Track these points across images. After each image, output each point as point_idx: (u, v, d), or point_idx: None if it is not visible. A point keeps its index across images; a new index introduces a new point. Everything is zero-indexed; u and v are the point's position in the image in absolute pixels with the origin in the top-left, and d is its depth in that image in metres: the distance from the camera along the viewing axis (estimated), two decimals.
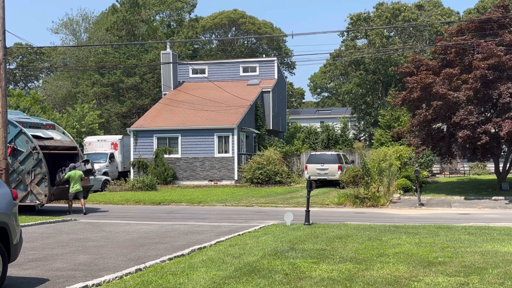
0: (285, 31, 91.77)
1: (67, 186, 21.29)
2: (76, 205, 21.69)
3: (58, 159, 22.32)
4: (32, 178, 20.04)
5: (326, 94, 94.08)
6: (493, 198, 26.10)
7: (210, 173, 35.32)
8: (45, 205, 21.60)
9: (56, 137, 22.08)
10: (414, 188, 27.90)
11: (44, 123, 22.79)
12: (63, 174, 21.30)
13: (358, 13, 58.29)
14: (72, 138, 23.66)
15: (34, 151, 20.04)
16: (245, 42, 73.66)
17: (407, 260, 9.90)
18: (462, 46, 26.89)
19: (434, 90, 25.83)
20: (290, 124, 57.36)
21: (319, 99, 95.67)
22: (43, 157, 20.07)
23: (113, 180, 34.25)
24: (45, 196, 20.04)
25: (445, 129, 28.32)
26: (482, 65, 25.36)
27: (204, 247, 11.73)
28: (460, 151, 26.98)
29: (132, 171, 35.57)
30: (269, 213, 21.09)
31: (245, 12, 70.31)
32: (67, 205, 21.54)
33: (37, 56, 72.58)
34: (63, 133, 23.19)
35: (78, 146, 23.23)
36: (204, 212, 21.74)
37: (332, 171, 31.02)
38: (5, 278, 8.24)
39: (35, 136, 20.58)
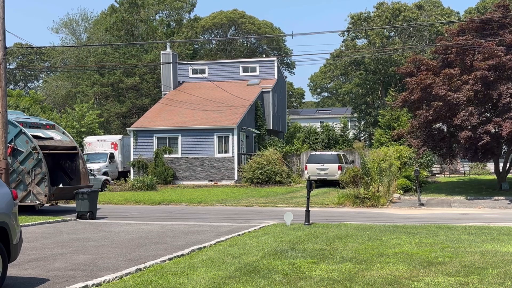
0: (285, 31, 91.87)
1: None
2: (70, 205, 21.61)
3: (58, 159, 22.34)
4: (32, 178, 20.02)
5: (326, 94, 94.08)
6: (494, 198, 26.08)
7: (210, 173, 35.30)
8: (45, 205, 21.58)
9: (56, 137, 22.07)
10: (414, 188, 27.88)
11: (44, 123, 22.77)
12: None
13: (359, 13, 58.34)
14: (72, 138, 23.64)
15: (34, 151, 20.02)
16: (245, 42, 73.64)
17: (407, 260, 9.90)
18: (463, 46, 26.85)
19: (434, 91, 25.81)
20: (290, 124, 57.30)
21: (319, 99, 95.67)
22: (43, 157, 20.05)
23: (113, 180, 34.24)
24: (45, 196, 20.02)
25: (445, 130, 28.28)
26: (483, 66, 25.33)
27: (204, 247, 11.73)
28: (462, 151, 26.96)
29: (132, 171, 35.56)
30: (269, 213, 21.08)
31: (245, 12, 70.34)
32: (67, 205, 21.55)
33: (37, 56, 72.57)
34: (63, 133, 23.17)
35: (78, 146, 23.22)
36: (204, 212, 21.73)
37: (332, 171, 31.01)
38: (5, 278, 8.24)
39: (35, 137, 20.56)
